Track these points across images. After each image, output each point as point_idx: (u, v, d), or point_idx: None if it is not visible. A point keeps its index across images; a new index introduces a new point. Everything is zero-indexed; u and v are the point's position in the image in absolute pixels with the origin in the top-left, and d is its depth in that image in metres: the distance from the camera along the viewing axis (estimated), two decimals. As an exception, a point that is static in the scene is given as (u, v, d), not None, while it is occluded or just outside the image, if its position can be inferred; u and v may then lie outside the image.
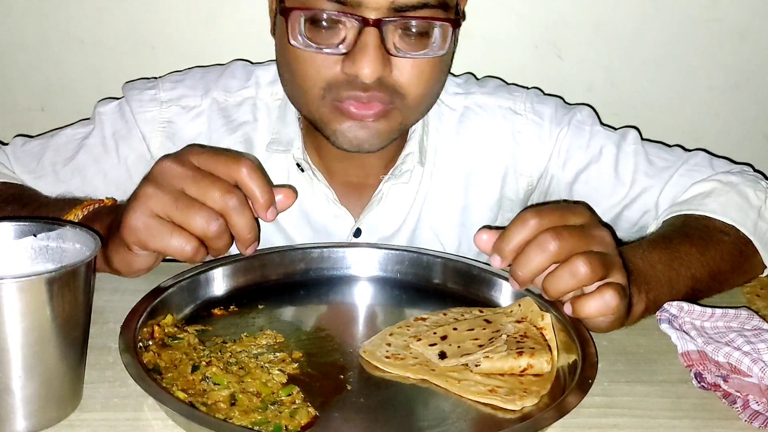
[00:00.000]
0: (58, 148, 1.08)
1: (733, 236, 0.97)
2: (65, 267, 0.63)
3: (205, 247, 0.77)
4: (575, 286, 0.75)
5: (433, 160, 1.08)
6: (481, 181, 1.10)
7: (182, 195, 0.75)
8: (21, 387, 0.63)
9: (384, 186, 1.06)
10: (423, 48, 0.89)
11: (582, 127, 1.09)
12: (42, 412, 0.65)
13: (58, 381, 0.65)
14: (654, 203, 1.07)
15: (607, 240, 0.77)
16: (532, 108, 1.10)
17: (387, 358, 0.77)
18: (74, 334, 0.66)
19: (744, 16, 1.37)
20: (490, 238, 0.78)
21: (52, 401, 0.65)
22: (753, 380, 0.75)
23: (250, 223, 0.76)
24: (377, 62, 0.86)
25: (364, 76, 0.87)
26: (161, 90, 1.08)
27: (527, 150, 1.09)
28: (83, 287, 0.65)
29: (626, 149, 1.08)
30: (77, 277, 0.64)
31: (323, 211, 1.07)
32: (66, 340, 0.65)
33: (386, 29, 0.86)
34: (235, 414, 0.66)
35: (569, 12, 1.35)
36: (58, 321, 0.63)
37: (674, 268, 0.88)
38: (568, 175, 1.09)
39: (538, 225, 0.75)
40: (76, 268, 0.64)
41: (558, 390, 0.73)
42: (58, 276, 0.62)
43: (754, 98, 1.44)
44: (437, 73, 0.94)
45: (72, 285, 0.64)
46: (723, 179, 1.03)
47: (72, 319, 0.65)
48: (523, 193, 1.11)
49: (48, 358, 0.64)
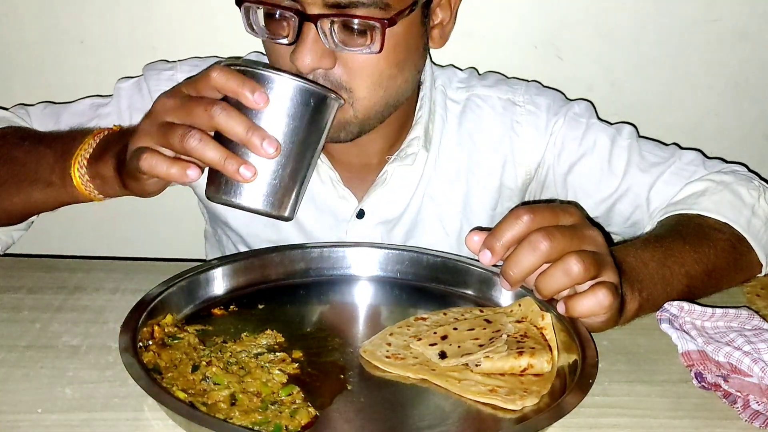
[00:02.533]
0: (75, 113, 1.11)
1: (727, 234, 0.97)
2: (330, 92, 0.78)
3: None
4: (568, 285, 0.75)
5: (437, 147, 1.10)
6: (481, 169, 1.12)
7: (168, 125, 0.78)
8: (272, 171, 0.75)
9: (389, 167, 1.08)
10: (361, 45, 0.91)
11: (578, 120, 1.11)
12: (273, 200, 0.77)
13: (293, 183, 0.78)
14: (645, 198, 1.08)
15: (598, 240, 0.78)
16: (530, 99, 1.12)
17: (387, 358, 0.77)
18: (311, 153, 0.79)
19: (744, 16, 1.37)
20: (482, 239, 0.78)
21: (283, 196, 0.78)
22: (753, 380, 0.75)
23: (243, 122, 0.75)
24: (312, 54, 0.89)
25: (301, 67, 0.89)
26: (179, 71, 1.11)
27: (525, 140, 1.11)
28: (323, 124, 0.80)
29: (620, 143, 1.10)
30: (328, 112, 0.79)
31: (328, 192, 1.09)
32: (310, 153, 0.78)
33: (323, 24, 0.88)
34: (235, 414, 0.66)
35: (569, 12, 1.35)
36: (309, 134, 0.77)
37: (667, 266, 0.89)
38: (562, 165, 1.11)
39: (530, 222, 0.75)
40: (334, 101, 0.79)
41: (558, 390, 0.73)
42: (327, 97, 0.78)
43: (754, 98, 1.44)
44: (386, 68, 0.94)
45: (323, 114, 0.78)
46: (716, 178, 1.04)
47: (314, 143, 0.79)
48: (521, 182, 1.13)
49: (298, 160, 0.77)
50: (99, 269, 0.94)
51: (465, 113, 1.12)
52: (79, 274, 0.93)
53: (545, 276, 0.75)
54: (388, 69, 0.94)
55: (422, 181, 1.10)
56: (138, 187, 0.85)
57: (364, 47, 0.90)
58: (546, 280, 0.75)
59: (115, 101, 1.12)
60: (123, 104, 1.11)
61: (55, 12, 1.32)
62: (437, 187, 1.11)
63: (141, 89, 1.11)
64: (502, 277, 0.77)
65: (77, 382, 0.72)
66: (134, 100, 1.11)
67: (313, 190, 1.09)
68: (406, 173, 1.09)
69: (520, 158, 1.12)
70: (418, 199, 1.11)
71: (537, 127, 1.11)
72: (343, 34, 0.90)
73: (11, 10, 1.32)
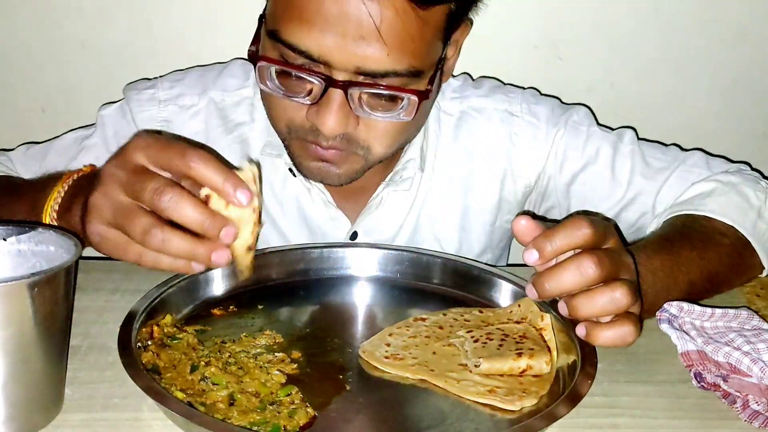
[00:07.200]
0: (60, 150, 1.09)
1: (732, 238, 0.96)
2: (50, 270, 0.62)
3: None
4: (611, 313, 0.73)
5: (432, 164, 1.08)
6: (479, 184, 1.09)
7: (119, 203, 0.70)
8: (7, 394, 0.62)
9: (383, 192, 1.06)
10: (389, 111, 0.89)
11: (578, 128, 1.09)
12: (27, 417, 0.64)
13: (42, 385, 0.65)
14: (651, 205, 1.06)
15: (632, 268, 0.77)
16: (528, 109, 1.10)
17: (386, 359, 0.77)
18: (57, 338, 0.65)
19: (743, 16, 1.37)
20: (529, 225, 0.74)
21: (36, 406, 0.65)
22: (753, 380, 0.75)
23: (193, 216, 0.68)
24: (340, 120, 0.87)
25: (326, 131, 0.87)
26: (159, 89, 1.08)
27: (524, 152, 1.09)
28: (65, 291, 0.64)
29: (623, 150, 1.08)
30: (59, 280, 0.63)
31: (320, 213, 1.07)
32: (49, 344, 0.64)
33: (352, 90, 0.86)
34: (233, 414, 0.66)
35: (569, 12, 1.35)
36: (40, 326, 0.62)
37: (674, 275, 0.88)
38: (565, 176, 1.09)
39: (588, 237, 0.72)
40: (59, 271, 0.62)
41: (557, 390, 0.73)
42: (41, 280, 0.61)
43: (754, 98, 1.44)
44: (406, 131, 0.94)
45: (54, 288, 0.63)
46: (723, 179, 1.03)
47: (55, 323, 0.64)
48: (521, 194, 1.11)
49: (32, 364, 0.63)
50: (99, 269, 0.94)
51: (460, 126, 1.09)
52: (79, 274, 0.92)
53: (589, 299, 0.72)
54: (409, 128, 0.94)
55: (416, 202, 1.08)
56: None
57: (394, 114, 0.89)
58: (588, 303, 0.72)
59: (100, 130, 1.08)
60: (108, 132, 1.08)
61: (56, 14, 1.32)
62: (433, 206, 1.09)
63: (125, 114, 1.08)
64: (534, 286, 0.73)
65: (77, 382, 0.72)
66: (119, 126, 1.07)
67: (305, 211, 1.07)
68: (400, 196, 1.07)
69: (520, 170, 1.09)
70: (413, 220, 1.09)
71: (537, 138, 1.08)
72: (373, 100, 0.88)
73: (12, 13, 1.32)
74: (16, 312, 0.60)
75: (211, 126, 1.07)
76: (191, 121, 1.07)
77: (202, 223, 0.68)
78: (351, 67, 0.84)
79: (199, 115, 1.08)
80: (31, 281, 0.60)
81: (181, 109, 1.08)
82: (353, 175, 0.95)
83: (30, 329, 0.62)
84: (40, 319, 0.62)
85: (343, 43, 0.82)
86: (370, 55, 0.83)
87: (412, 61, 0.85)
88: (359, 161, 0.93)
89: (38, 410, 0.65)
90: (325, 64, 0.84)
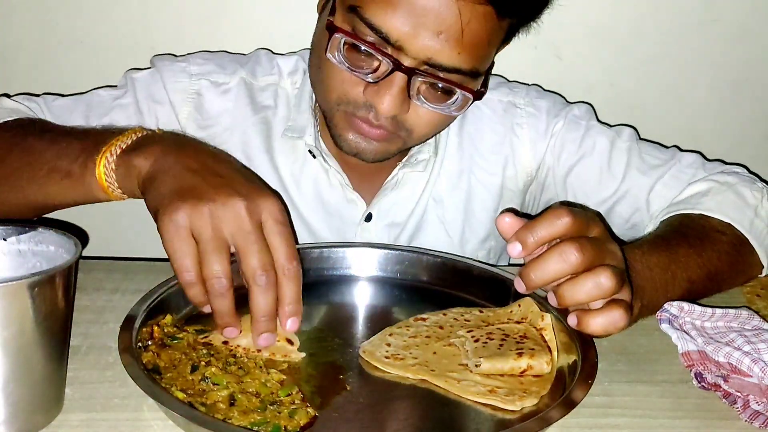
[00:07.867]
0: (91, 105, 1.09)
1: (729, 235, 0.97)
2: (50, 270, 0.62)
3: None
4: (596, 298, 0.73)
5: (443, 150, 1.11)
6: (483, 171, 1.12)
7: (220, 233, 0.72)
8: (8, 394, 0.62)
9: (399, 172, 1.09)
10: (442, 102, 0.94)
11: (578, 122, 1.11)
12: (27, 417, 0.64)
13: (43, 386, 0.64)
14: (645, 200, 1.08)
15: (618, 255, 0.77)
16: (531, 102, 1.13)
17: (386, 359, 0.76)
18: (58, 338, 0.65)
19: (743, 16, 1.37)
20: (513, 222, 0.75)
21: (37, 406, 0.64)
22: (753, 380, 0.75)
23: (265, 309, 0.74)
24: (397, 103, 0.91)
25: (382, 110, 0.91)
26: (191, 64, 1.11)
27: (525, 142, 1.12)
28: (65, 291, 0.64)
29: (620, 145, 1.10)
30: (60, 280, 0.63)
31: (337, 195, 1.10)
32: (50, 344, 0.63)
33: (415, 77, 0.90)
34: (234, 414, 0.66)
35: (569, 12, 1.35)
36: (41, 326, 0.62)
37: (671, 271, 0.88)
38: (562, 167, 1.11)
39: (569, 226, 0.73)
40: (59, 271, 0.62)
41: (558, 390, 0.73)
42: (41, 280, 0.61)
43: (754, 98, 1.44)
44: (446, 122, 1.01)
45: (54, 288, 0.62)
46: (719, 179, 1.04)
47: (55, 323, 0.64)
48: (522, 183, 1.14)
49: (33, 364, 0.63)
50: (99, 269, 0.94)
51: (466, 115, 1.12)
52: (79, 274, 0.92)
53: (573, 286, 0.73)
54: (449, 121, 1.00)
55: (428, 185, 1.11)
56: None
57: (444, 106, 0.94)
58: (573, 289, 0.73)
59: (132, 92, 1.08)
60: (140, 95, 1.08)
61: (55, 13, 1.32)
62: (440, 189, 1.12)
63: (156, 81, 1.09)
64: (521, 278, 0.75)
65: (77, 382, 0.72)
66: (151, 91, 1.08)
67: (322, 192, 1.10)
68: (415, 178, 1.10)
69: (521, 160, 1.12)
70: (424, 202, 1.12)
71: (537, 129, 1.11)
72: (430, 91, 0.92)
73: (10, 10, 1.32)
74: (16, 312, 0.60)
75: (240, 104, 1.10)
76: (221, 98, 1.10)
77: (262, 318, 0.74)
78: (422, 57, 0.88)
79: (230, 93, 1.10)
80: (31, 281, 0.60)
81: (213, 85, 1.10)
82: (386, 155, 1.00)
83: (30, 329, 0.62)
84: (41, 319, 0.62)
85: (423, 33, 0.86)
86: (444, 50, 0.87)
87: (476, 62, 0.91)
88: (398, 143, 0.98)
89: (38, 410, 0.65)
90: (399, 49, 0.88)
